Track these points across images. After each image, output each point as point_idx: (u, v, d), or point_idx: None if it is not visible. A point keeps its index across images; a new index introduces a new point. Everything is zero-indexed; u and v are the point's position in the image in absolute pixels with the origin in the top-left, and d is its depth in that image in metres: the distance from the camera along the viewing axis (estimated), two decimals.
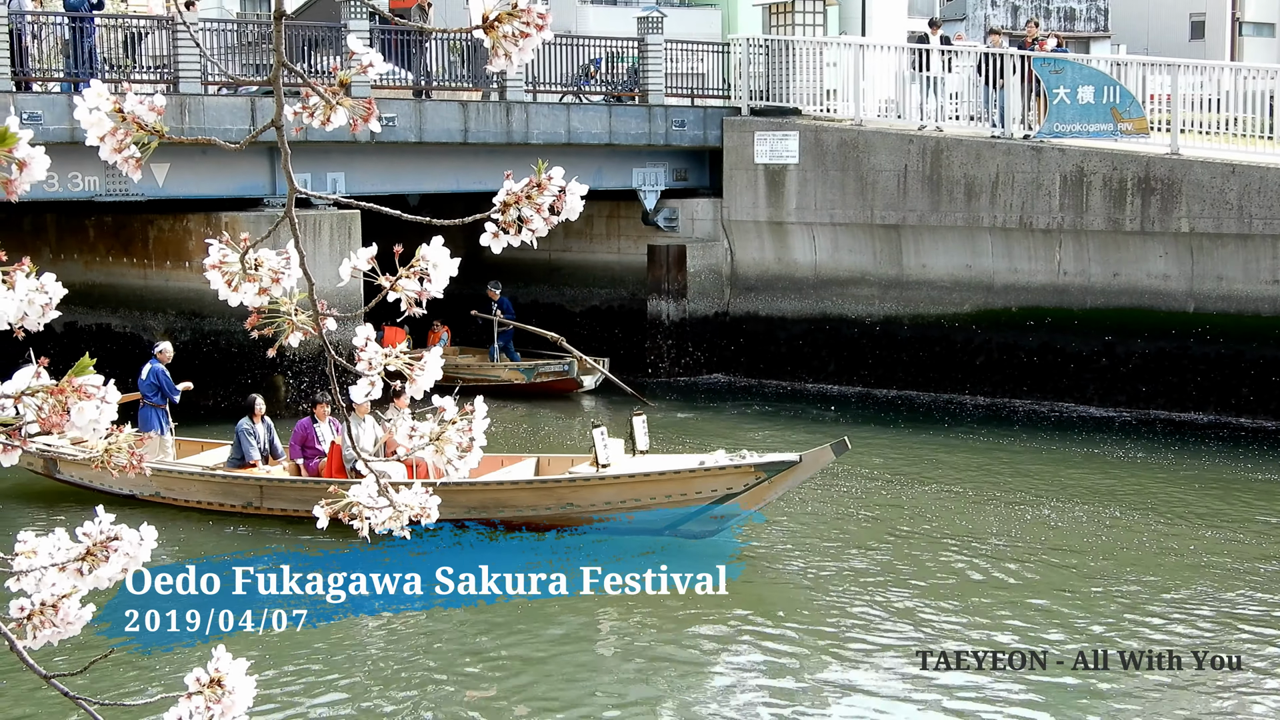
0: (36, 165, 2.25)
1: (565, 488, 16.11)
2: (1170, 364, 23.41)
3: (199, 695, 2.47)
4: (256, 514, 17.04)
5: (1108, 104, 24.24)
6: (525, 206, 2.43)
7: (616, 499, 15.89)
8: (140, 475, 17.67)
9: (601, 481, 15.91)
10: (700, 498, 15.57)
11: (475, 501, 16.26)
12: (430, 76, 26.24)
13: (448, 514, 15.16)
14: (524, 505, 16.27)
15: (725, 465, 15.47)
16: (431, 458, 2.63)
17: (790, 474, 15.38)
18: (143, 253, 24.80)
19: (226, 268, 2.54)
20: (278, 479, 17.31)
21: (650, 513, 15.76)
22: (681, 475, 15.61)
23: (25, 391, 2.38)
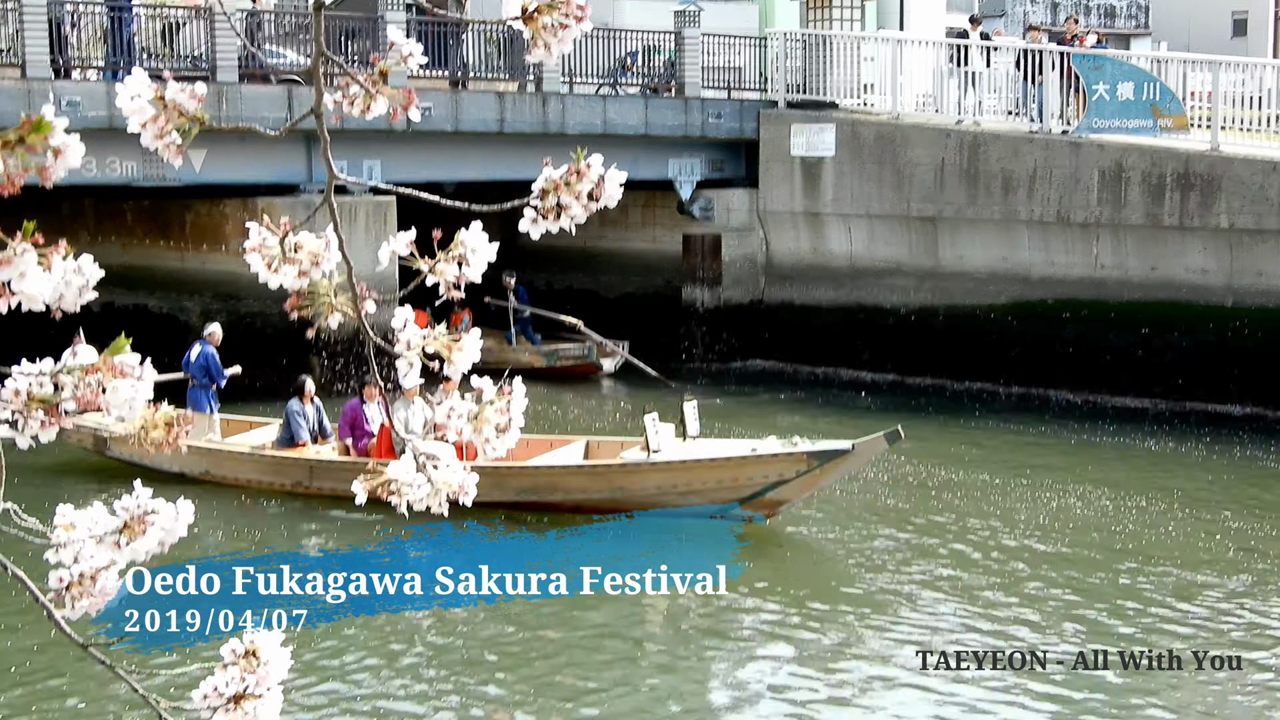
0: (72, 153, 2.28)
1: (616, 472, 16.06)
2: (1207, 357, 23.30)
3: (234, 666, 2.51)
4: (305, 493, 17.13)
5: (1147, 101, 24.13)
6: (564, 193, 2.45)
7: (667, 484, 15.84)
8: (178, 452, 17.53)
9: (653, 467, 15.83)
10: (751, 484, 15.49)
11: (526, 485, 16.28)
12: (466, 68, 26.29)
13: (498, 497, 15.26)
14: (575, 489, 16.24)
15: (777, 452, 15.35)
16: (469, 437, 2.66)
17: (842, 463, 15.30)
18: (180, 236, 24.96)
19: (266, 250, 2.57)
20: (327, 459, 17.36)
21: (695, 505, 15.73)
22: (733, 461, 15.51)
23: (63, 370, 2.42)
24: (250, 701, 2.50)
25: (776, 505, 15.70)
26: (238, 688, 2.49)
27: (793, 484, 15.41)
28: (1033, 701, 11.26)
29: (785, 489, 15.48)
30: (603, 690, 11.64)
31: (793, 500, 15.76)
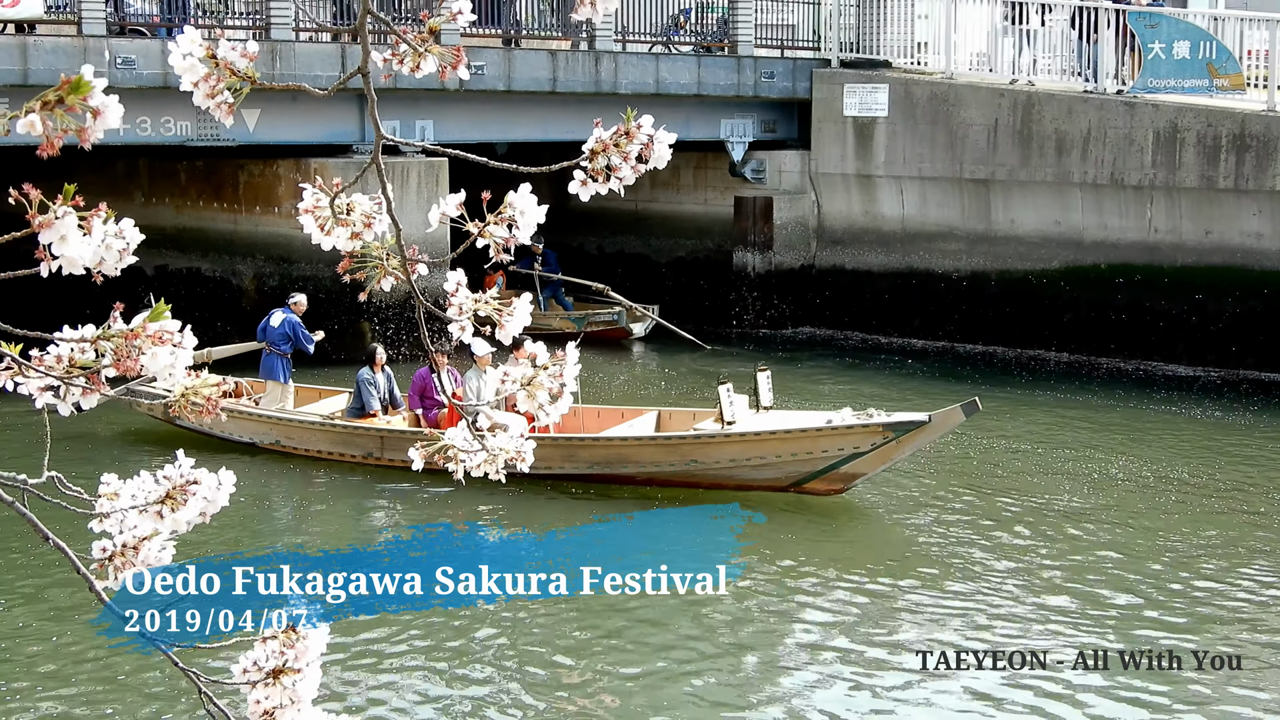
0: (111, 113, 2.27)
1: (691, 444, 15.77)
2: (1262, 324, 23.06)
3: (274, 640, 2.50)
4: (377, 464, 17.01)
5: (1204, 60, 23.84)
6: (613, 154, 2.42)
7: (742, 457, 15.58)
8: (216, 419, 17.58)
9: (727, 439, 15.53)
10: (826, 456, 15.26)
11: (599, 457, 16.14)
12: (519, 25, 26.23)
13: (571, 469, 15.31)
14: (648, 461, 16.04)
15: (853, 424, 15.06)
16: (524, 404, 2.64)
17: (919, 434, 14.99)
18: (233, 198, 25.04)
19: (320, 212, 2.56)
20: (399, 430, 17.09)
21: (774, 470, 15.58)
22: (808, 433, 15.23)
23: (102, 335, 2.41)
24: (289, 676, 2.49)
25: (852, 479, 15.46)
26: (277, 662, 2.49)
27: (869, 456, 15.16)
28: (1094, 698, 11.22)
29: (861, 461, 15.23)
30: (609, 685, 11.55)
31: (868, 474, 15.46)
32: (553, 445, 16.18)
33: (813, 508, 15.45)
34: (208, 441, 17.94)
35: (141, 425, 18.94)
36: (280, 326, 18.55)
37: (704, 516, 15.32)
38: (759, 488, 15.75)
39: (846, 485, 15.53)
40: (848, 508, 15.60)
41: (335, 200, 2.52)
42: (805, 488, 15.57)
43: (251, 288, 24.95)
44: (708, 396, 19.99)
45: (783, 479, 15.62)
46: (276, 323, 18.63)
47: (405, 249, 2.53)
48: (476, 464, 2.66)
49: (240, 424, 18.05)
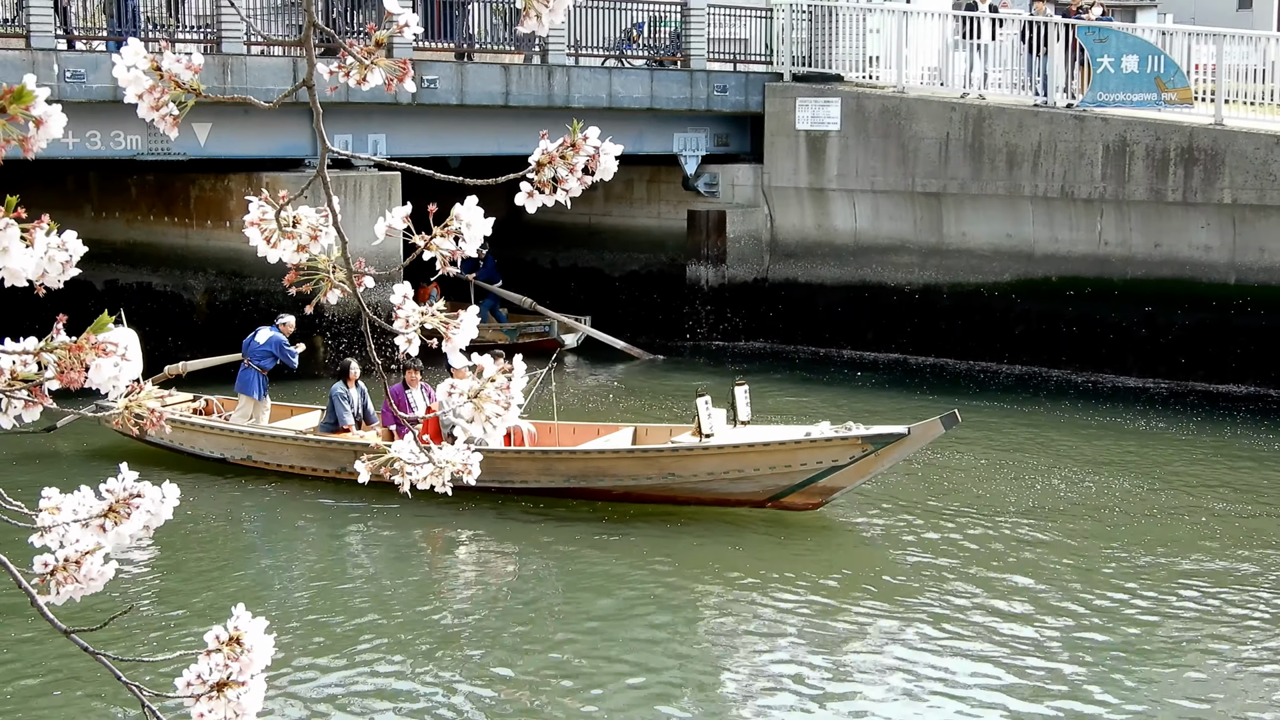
0: (53, 123, 2.25)
1: (668, 457, 15.62)
2: (1210, 336, 23.26)
3: (218, 653, 2.48)
4: (351, 479, 16.17)
5: (1152, 74, 24.04)
6: (560, 166, 2.43)
7: (720, 470, 15.44)
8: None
9: (705, 451, 15.41)
10: (805, 469, 15.14)
11: (576, 470, 16.01)
12: (472, 39, 26.22)
13: (547, 482, 15.13)
14: (625, 474, 15.88)
15: (832, 437, 14.98)
16: (469, 416, 2.63)
17: (898, 447, 14.91)
18: (184, 212, 24.92)
19: (265, 225, 2.55)
20: (373, 445, 16.87)
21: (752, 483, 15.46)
22: (787, 446, 15.12)
23: (45, 348, 2.40)
24: (234, 689, 2.47)
25: (830, 492, 15.35)
26: (221, 675, 2.47)
27: (847, 470, 15.06)
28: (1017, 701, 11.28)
29: (839, 475, 15.14)
30: (608, 685, 11.56)
31: (846, 487, 15.37)
32: (529, 459, 16.12)
33: (789, 523, 15.34)
34: (178, 458, 17.77)
35: (110, 442, 18.71)
36: (266, 344, 18.39)
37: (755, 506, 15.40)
38: (737, 502, 15.66)
39: (825, 499, 15.43)
40: (825, 524, 15.50)
41: (281, 213, 2.51)
42: (783, 502, 15.46)
43: (203, 302, 24.82)
44: (679, 413, 19.99)
45: (760, 493, 15.50)
46: (262, 340, 18.46)
47: (352, 262, 2.53)
48: (423, 476, 2.65)
49: (211, 439, 17.88)
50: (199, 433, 17.98)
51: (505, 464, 16.09)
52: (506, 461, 16.10)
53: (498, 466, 16.02)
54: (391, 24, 2.44)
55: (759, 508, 15.61)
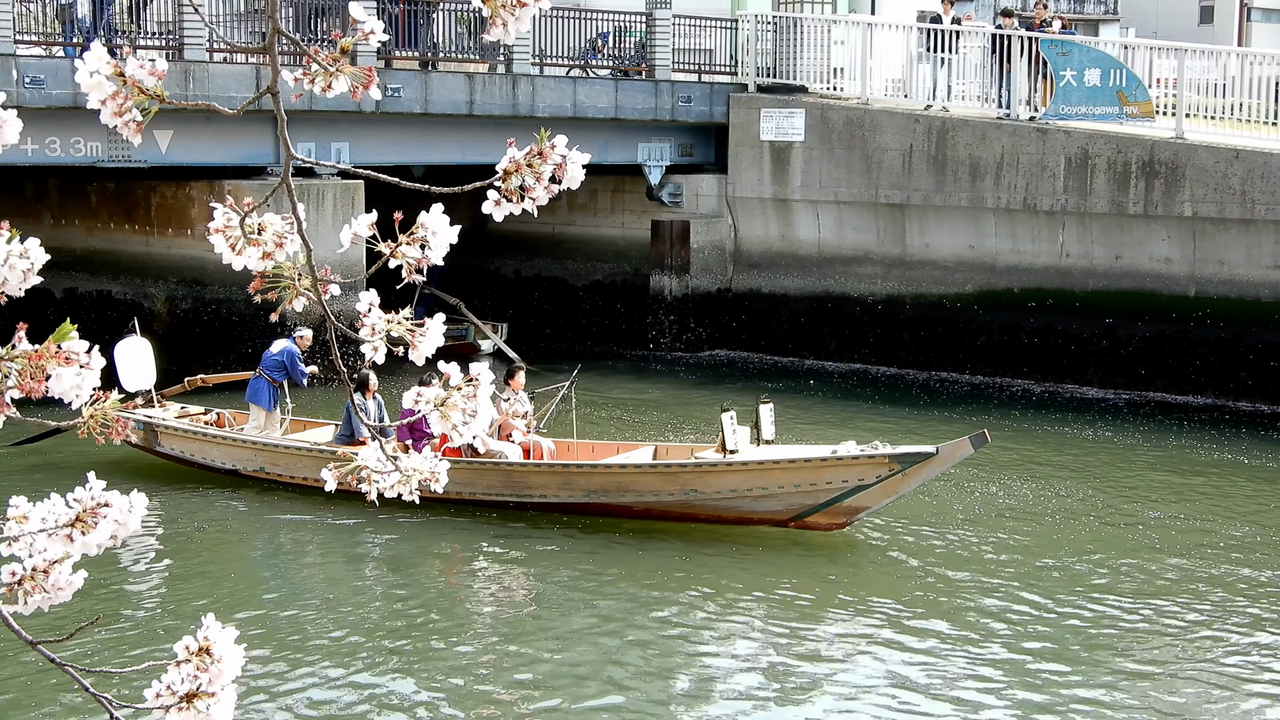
0: (8, 128, 2.24)
1: (691, 473, 15.27)
2: (1170, 347, 23.41)
3: (187, 663, 2.46)
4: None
5: (1114, 87, 24.19)
6: (527, 175, 2.42)
7: (743, 486, 15.10)
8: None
9: (729, 468, 15.05)
10: (830, 488, 14.81)
11: (596, 485, 15.69)
12: (436, 48, 26.18)
13: (567, 497, 14.93)
14: (646, 490, 15.51)
15: (858, 455, 14.67)
16: (436, 424, 2.61)
17: (925, 466, 14.56)
18: (145, 220, 24.79)
19: (230, 232, 2.54)
20: (341, 453, 16.51)
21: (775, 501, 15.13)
22: (812, 464, 14.79)
23: (6, 356, 2.37)
24: (203, 700, 2.45)
25: (855, 512, 15.02)
26: (191, 685, 2.45)
27: (874, 489, 14.74)
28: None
29: (865, 495, 14.81)
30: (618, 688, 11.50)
31: (872, 506, 15.01)
32: (549, 473, 15.88)
33: (813, 544, 15.04)
34: (188, 470, 17.51)
35: (119, 454, 18.29)
36: (279, 355, 18.01)
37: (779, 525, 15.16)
38: (759, 521, 15.33)
39: (850, 519, 15.10)
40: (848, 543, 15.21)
41: (246, 220, 2.50)
42: (807, 522, 15.14)
43: (164, 310, 24.70)
44: (702, 431, 19.78)
45: (784, 512, 15.17)
46: (275, 350, 18.11)
47: (317, 269, 2.51)
48: (390, 485, 2.63)
49: (224, 450, 17.49)
50: (210, 444, 17.59)
51: (524, 478, 15.91)
52: (525, 475, 15.92)
53: (516, 480, 15.86)
54: (356, 31, 2.43)
55: (782, 527, 15.27)
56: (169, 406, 18.57)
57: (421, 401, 2.51)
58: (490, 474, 16.00)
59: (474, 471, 15.92)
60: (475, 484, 15.97)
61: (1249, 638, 12.54)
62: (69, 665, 2.59)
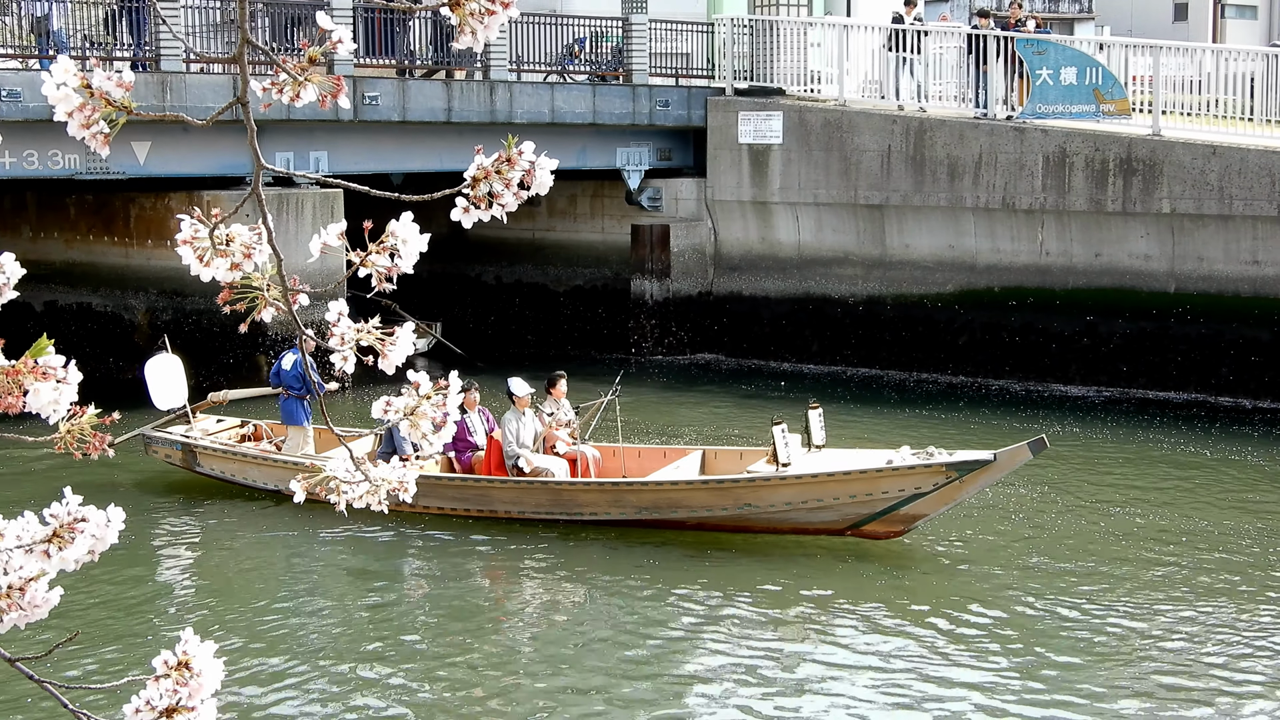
0: None
1: (744, 488, 15.02)
2: (1151, 344, 23.48)
3: (166, 678, 2.45)
4: (411, 511, 15.97)
5: (1090, 85, 24.26)
6: (495, 181, 2.42)
7: (798, 499, 14.90)
8: (240, 465, 17.07)
9: (783, 481, 14.83)
10: (886, 498, 14.64)
11: (648, 502, 15.44)
12: (414, 56, 26.16)
13: (617, 515, 14.64)
14: (699, 506, 15.30)
15: (915, 464, 14.49)
16: (406, 432, 2.61)
17: (983, 473, 14.37)
18: (124, 231, 24.73)
19: (199, 243, 2.53)
20: (434, 475, 16.06)
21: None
22: (868, 475, 14.61)
23: None
24: (183, 715, 2.44)
25: (912, 520, 14.79)
26: (170, 700, 2.44)
27: (930, 497, 14.54)
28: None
29: (922, 503, 14.60)
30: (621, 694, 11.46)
31: (929, 514, 14.78)
32: (599, 490, 15.64)
33: (869, 551, 14.83)
34: (230, 489, 17.23)
35: (157, 470, 18.14)
36: (293, 369, 17.56)
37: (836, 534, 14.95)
38: (815, 531, 15.13)
39: (906, 527, 14.88)
40: (905, 551, 14.97)
41: (215, 231, 2.50)
42: (863, 530, 14.94)
43: (144, 322, 24.64)
44: (747, 436, 19.60)
45: (839, 521, 14.97)
46: (289, 365, 17.66)
47: (287, 279, 2.51)
48: (359, 495, 2.63)
49: (264, 470, 17.10)
50: (250, 464, 17.27)
51: (574, 496, 15.66)
52: (575, 494, 15.67)
53: (565, 499, 15.62)
54: (325, 40, 2.43)
55: (837, 535, 15.10)
56: (202, 419, 18.29)
57: (391, 410, 2.51)
58: (539, 493, 15.75)
59: (521, 490, 15.74)
60: (523, 503, 15.78)
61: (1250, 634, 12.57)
62: (47, 682, 2.58)
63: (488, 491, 15.96)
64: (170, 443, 17.70)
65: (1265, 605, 13.30)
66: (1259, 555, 14.82)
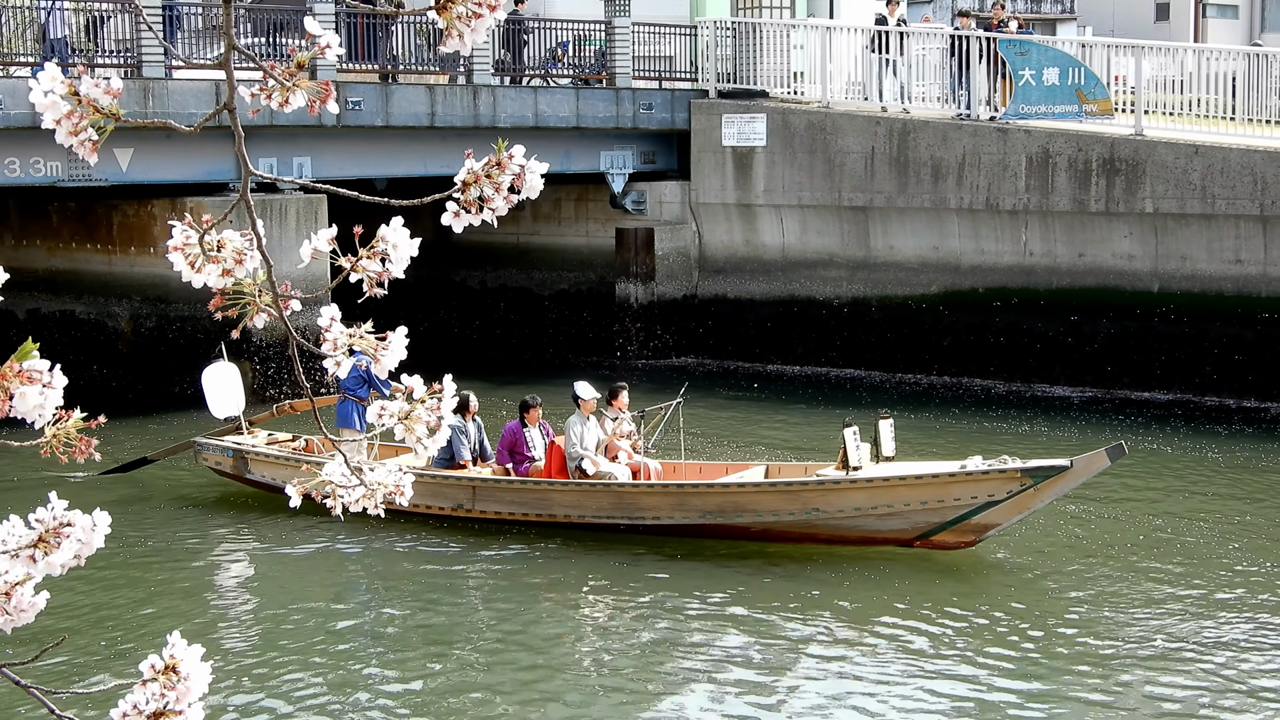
0: None
1: (813, 491, 14.63)
2: (1135, 343, 23.53)
3: (154, 682, 2.44)
4: (467, 516, 15.85)
5: (1073, 85, 24.32)
6: (485, 185, 2.42)
7: (867, 505, 14.51)
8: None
9: (853, 485, 14.46)
10: (958, 505, 14.26)
11: (712, 505, 15.05)
12: (396, 60, 26.13)
13: (681, 519, 14.32)
14: (765, 510, 14.88)
15: (988, 471, 14.10)
16: (400, 436, 2.61)
17: (1058, 481, 13.97)
18: (107, 239, 24.66)
19: (189, 249, 2.53)
20: (493, 479, 15.99)
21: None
22: (940, 480, 14.22)
23: None
24: (171, 719, 2.43)
25: (984, 529, 14.43)
26: (158, 705, 2.43)
27: (1004, 505, 14.15)
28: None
29: (995, 511, 14.22)
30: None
31: (1001, 524, 14.39)
32: (663, 493, 15.24)
33: (940, 563, 14.53)
34: (275, 498, 16.64)
35: (207, 479, 17.97)
36: (353, 370, 17.09)
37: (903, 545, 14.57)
38: (883, 541, 14.73)
39: (978, 537, 14.51)
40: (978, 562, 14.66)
41: (205, 237, 2.49)
42: (933, 541, 14.59)
43: (128, 329, 24.59)
44: (811, 449, 19.32)
45: (909, 530, 14.60)
46: (346, 368, 17.24)
47: (277, 285, 2.50)
48: (355, 499, 2.62)
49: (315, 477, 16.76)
50: (299, 470, 16.85)
51: (636, 499, 15.31)
52: (638, 496, 15.33)
53: (627, 502, 15.29)
54: (313, 45, 2.42)
55: (907, 547, 14.71)
56: (258, 434, 17.97)
57: (385, 415, 2.51)
58: (600, 495, 15.39)
59: (583, 493, 15.42)
60: (584, 506, 15.42)
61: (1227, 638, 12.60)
62: (34, 687, 2.57)
63: (548, 495, 15.65)
64: (221, 449, 17.36)
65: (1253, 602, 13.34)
66: (1253, 551, 14.85)
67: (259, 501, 17.01)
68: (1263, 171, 22.16)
